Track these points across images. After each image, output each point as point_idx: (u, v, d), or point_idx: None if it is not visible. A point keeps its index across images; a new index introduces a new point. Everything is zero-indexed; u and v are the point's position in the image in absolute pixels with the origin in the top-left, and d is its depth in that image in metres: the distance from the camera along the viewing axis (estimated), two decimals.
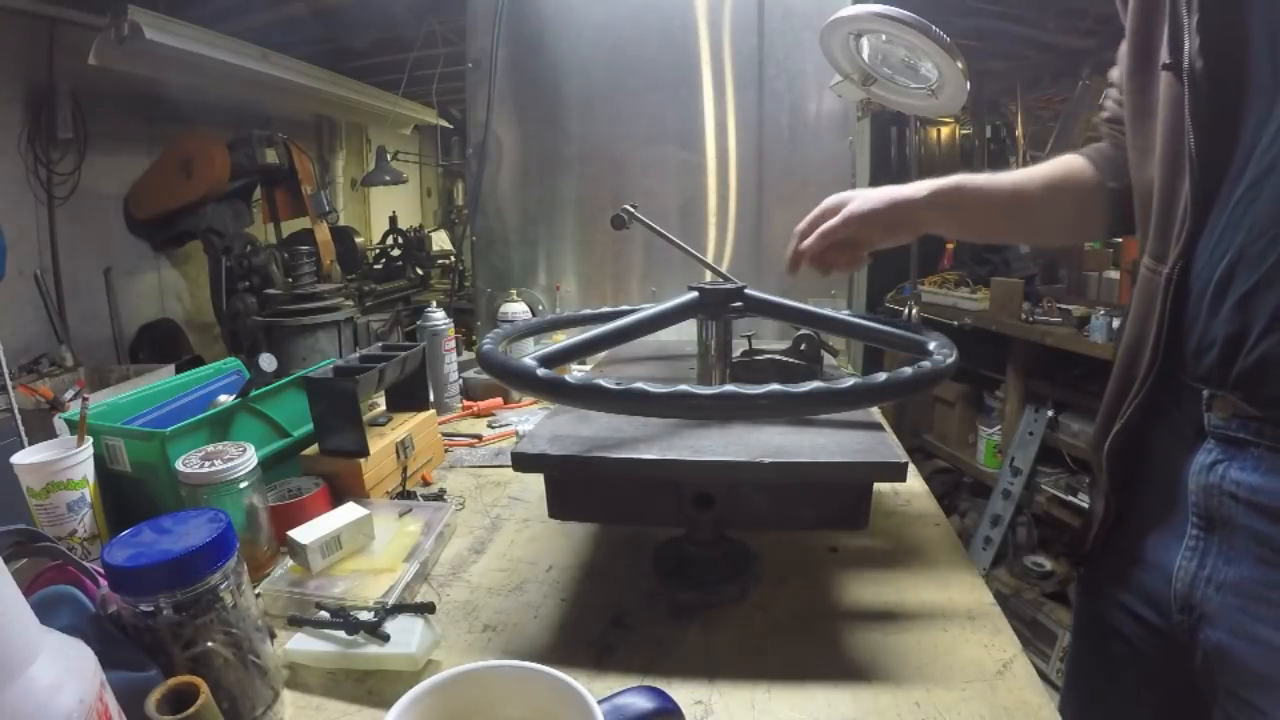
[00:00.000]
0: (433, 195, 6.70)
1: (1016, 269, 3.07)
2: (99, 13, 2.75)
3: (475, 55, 1.70)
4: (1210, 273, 0.56)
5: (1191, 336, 0.58)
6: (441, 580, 0.80)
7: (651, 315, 0.80)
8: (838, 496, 0.68)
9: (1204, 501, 0.59)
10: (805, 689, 0.60)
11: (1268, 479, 0.54)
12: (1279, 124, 0.51)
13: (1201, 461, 0.59)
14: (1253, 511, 0.55)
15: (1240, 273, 0.53)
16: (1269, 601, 0.55)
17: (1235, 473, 0.56)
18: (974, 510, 3.01)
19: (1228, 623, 0.57)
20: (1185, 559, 0.61)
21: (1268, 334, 0.52)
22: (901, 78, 1.07)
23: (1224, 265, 0.55)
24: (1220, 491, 0.57)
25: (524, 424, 1.28)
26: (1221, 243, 0.55)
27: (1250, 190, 0.53)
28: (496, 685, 0.42)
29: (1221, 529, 0.58)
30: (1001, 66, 3.98)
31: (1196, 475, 0.59)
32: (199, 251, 3.55)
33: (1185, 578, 0.61)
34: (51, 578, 0.57)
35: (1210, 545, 0.59)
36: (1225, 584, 0.58)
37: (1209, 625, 0.59)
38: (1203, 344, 0.57)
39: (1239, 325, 0.54)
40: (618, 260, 1.75)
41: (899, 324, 0.90)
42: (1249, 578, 0.56)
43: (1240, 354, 0.54)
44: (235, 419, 0.90)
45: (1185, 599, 0.61)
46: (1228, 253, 0.54)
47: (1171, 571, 0.62)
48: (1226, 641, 0.57)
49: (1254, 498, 0.55)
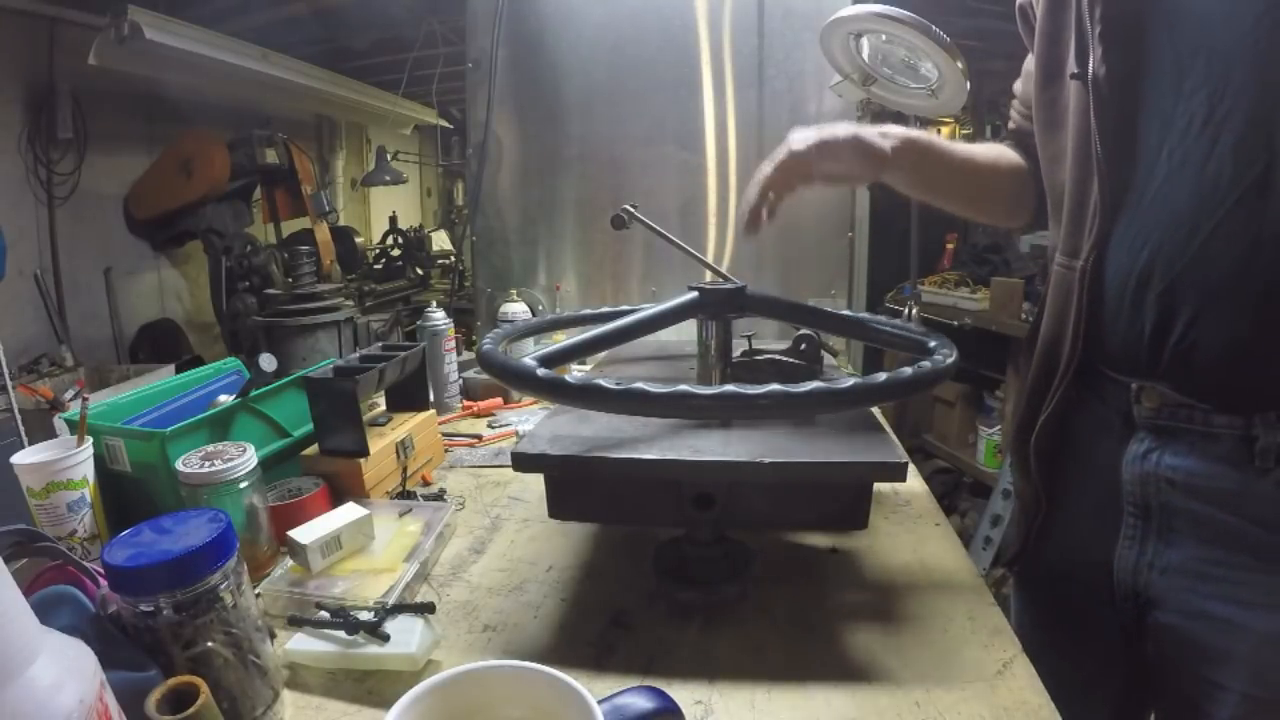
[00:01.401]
0: (433, 195, 6.70)
1: (1016, 269, 3.07)
2: (99, 13, 2.75)
3: (475, 55, 1.70)
4: (1130, 266, 0.58)
5: (1114, 329, 0.60)
6: (441, 580, 0.80)
7: (651, 315, 0.80)
8: (838, 496, 0.68)
9: (1140, 490, 0.61)
10: (805, 689, 0.60)
11: (1202, 463, 0.57)
12: (1186, 120, 0.53)
13: (1135, 451, 0.61)
14: (1190, 495, 0.58)
15: (1160, 265, 0.55)
16: (1214, 579, 0.57)
17: (1169, 459, 0.59)
18: (974, 510, 3.01)
19: (1176, 604, 0.60)
20: (1125, 548, 0.63)
21: (1195, 323, 0.54)
22: (901, 78, 1.07)
23: (1144, 258, 0.56)
24: (1156, 479, 0.60)
25: (524, 424, 1.28)
26: (1139, 237, 0.57)
27: (1166, 183, 0.55)
28: (496, 685, 0.42)
29: (1159, 515, 0.60)
30: (1001, 66, 3.97)
31: (1130, 465, 0.61)
32: (199, 251, 3.55)
33: (1127, 566, 0.63)
34: (51, 578, 0.57)
35: (1149, 532, 0.61)
36: (1169, 567, 0.60)
37: (1157, 609, 0.61)
38: (1129, 336, 0.59)
39: (1164, 316, 0.56)
40: (618, 260, 1.75)
41: (899, 324, 0.90)
42: (1193, 558, 0.58)
43: (1167, 344, 0.56)
44: (235, 419, 0.90)
45: (1128, 586, 0.63)
46: (1145, 246, 0.56)
47: (1110, 561, 0.64)
48: (1178, 622, 0.59)
49: (1190, 480, 0.58)
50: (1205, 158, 0.52)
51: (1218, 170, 0.52)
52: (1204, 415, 0.56)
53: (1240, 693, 0.56)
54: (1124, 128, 0.58)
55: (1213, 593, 0.57)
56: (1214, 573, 0.57)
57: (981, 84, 3.98)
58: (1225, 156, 0.51)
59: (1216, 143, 0.52)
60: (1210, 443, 0.56)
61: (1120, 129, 0.58)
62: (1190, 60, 0.53)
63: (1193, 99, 0.53)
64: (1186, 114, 0.53)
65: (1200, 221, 0.53)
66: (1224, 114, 0.51)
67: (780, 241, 1.68)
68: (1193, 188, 0.53)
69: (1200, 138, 0.53)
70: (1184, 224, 0.54)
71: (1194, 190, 0.53)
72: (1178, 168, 0.54)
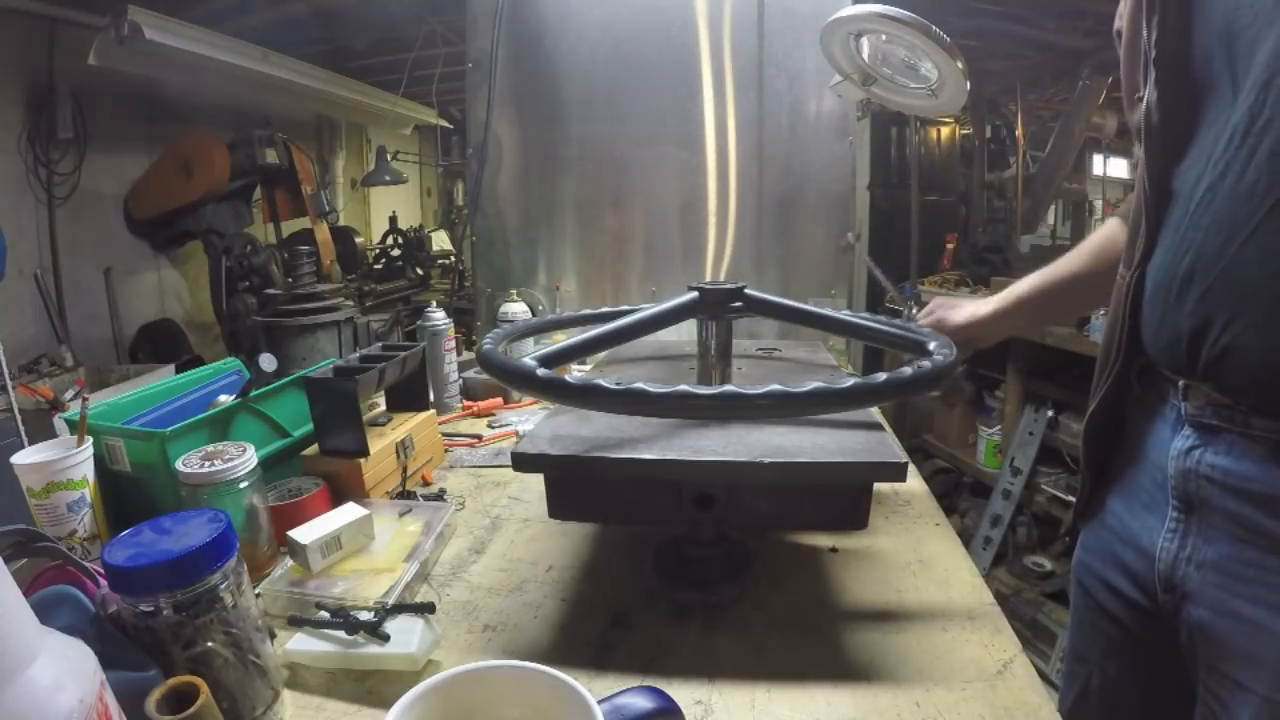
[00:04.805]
0: (433, 195, 6.69)
1: (1016, 269, 3.07)
2: (99, 13, 2.75)
3: (475, 55, 1.70)
4: (1173, 271, 0.60)
5: (1161, 330, 0.63)
6: (441, 580, 0.80)
7: (651, 315, 0.80)
8: (838, 496, 0.68)
9: (1182, 485, 0.62)
10: (805, 689, 0.60)
11: (1240, 463, 0.58)
12: (1230, 132, 0.55)
13: (1179, 447, 0.63)
14: (1228, 494, 0.59)
15: (1200, 270, 0.58)
16: (1246, 579, 0.58)
17: (1211, 457, 0.60)
18: (974, 510, 3.01)
19: (1209, 600, 0.60)
20: (1167, 540, 0.64)
21: (1230, 326, 0.56)
22: (901, 78, 1.07)
23: (1185, 264, 0.59)
24: (1197, 475, 0.61)
25: (524, 424, 1.28)
26: (1183, 245, 0.59)
27: (1208, 192, 0.57)
28: (496, 685, 0.42)
29: (1200, 511, 0.61)
30: (1001, 66, 3.98)
31: (1175, 460, 0.63)
32: (199, 251, 3.54)
33: (1167, 558, 0.64)
34: (51, 578, 0.57)
35: (1190, 527, 0.62)
36: (1205, 563, 0.61)
37: (1191, 604, 0.62)
38: (1172, 337, 0.61)
39: (1202, 319, 0.58)
40: (618, 260, 1.75)
41: (899, 324, 0.90)
42: (1227, 556, 0.59)
43: (1205, 345, 0.58)
44: (235, 419, 0.90)
45: (1168, 579, 0.64)
46: (1187, 253, 0.59)
47: (1154, 552, 0.65)
48: (1208, 619, 0.60)
49: (1228, 480, 0.58)
50: (1244, 167, 0.54)
51: (1255, 178, 0.53)
52: (1244, 416, 0.57)
53: (1263, 696, 0.56)
54: (1170, 149, 0.61)
55: (1244, 593, 0.58)
56: (1247, 573, 0.58)
57: (981, 84, 3.99)
58: (1262, 165, 0.53)
59: (1256, 152, 0.53)
60: (1250, 443, 0.57)
61: (1166, 150, 0.61)
62: (1244, 74, 0.55)
63: (1238, 111, 0.55)
64: (1231, 126, 0.55)
65: (1236, 228, 0.55)
66: (1264, 123, 0.53)
67: (780, 241, 1.68)
68: (1231, 196, 0.55)
69: (1241, 148, 0.54)
70: (1222, 230, 0.56)
71: (1232, 198, 0.55)
72: (1219, 178, 0.56)
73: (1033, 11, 3.21)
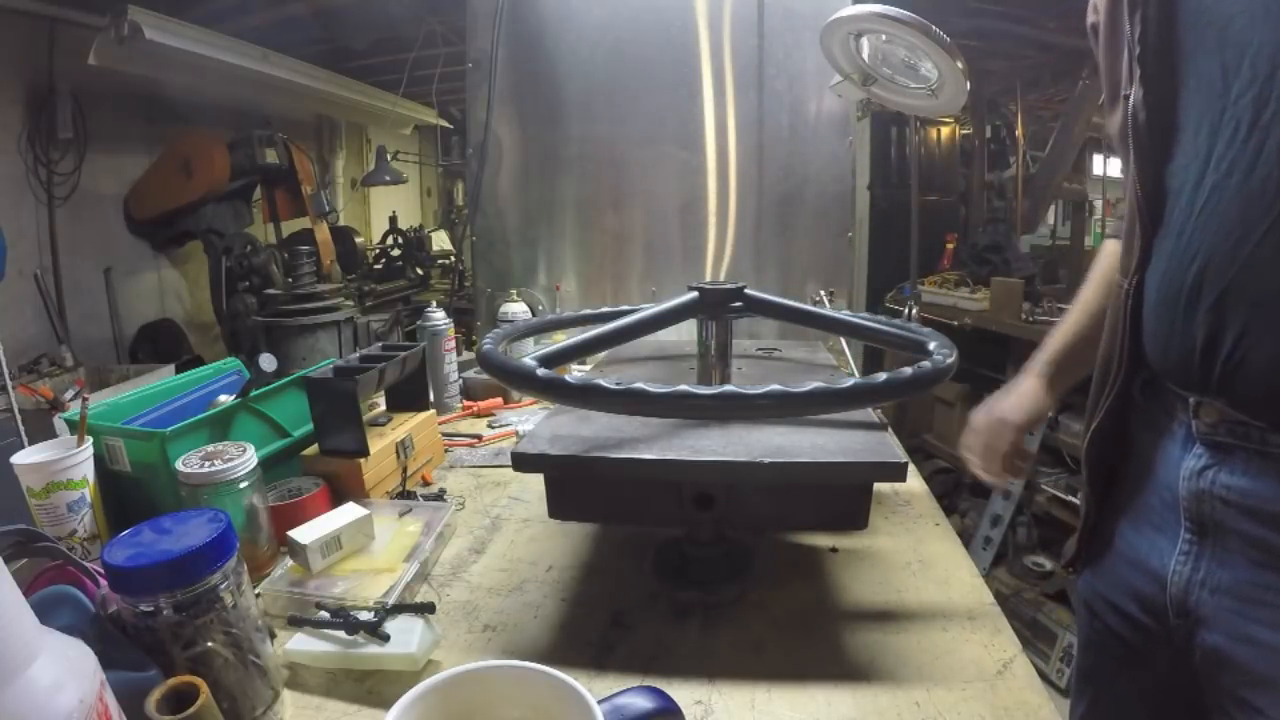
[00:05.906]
0: (433, 195, 6.69)
1: (1016, 269, 3.08)
2: (99, 13, 2.75)
3: (475, 55, 1.70)
4: (1181, 280, 0.57)
5: (1170, 344, 0.59)
6: (441, 580, 0.80)
7: (651, 315, 0.80)
8: (838, 497, 0.68)
9: (1195, 507, 0.59)
10: (805, 689, 0.60)
11: (1257, 482, 0.54)
12: (1233, 127, 0.52)
13: (1191, 467, 0.59)
14: (1244, 515, 0.55)
15: (1210, 276, 0.54)
16: (1264, 603, 0.55)
17: (1225, 477, 0.57)
18: (974, 510, 3.01)
19: (1224, 626, 0.57)
20: (1179, 564, 0.61)
21: (1246, 335, 0.52)
22: (901, 78, 1.07)
23: (1195, 271, 0.55)
24: (1211, 496, 0.58)
25: (524, 424, 1.28)
26: (1189, 250, 0.56)
27: (1214, 193, 0.54)
28: (496, 685, 0.42)
29: (1214, 533, 0.58)
30: (1001, 66, 3.98)
31: (1187, 481, 0.60)
32: (199, 251, 3.54)
33: (1180, 582, 0.61)
34: (51, 578, 0.57)
35: (1203, 549, 0.59)
36: (1220, 587, 0.58)
37: (1205, 629, 0.59)
38: (1183, 350, 0.57)
39: (1214, 329, 0.54)
40: (618, 260, 1.75)
41: (899, 324, 0.90)
42: (1243, 580, 0.56)
43: (1219, 357, 0.54)
44: (235, 419, 0.90)
45: (1180, 604, 0.61)
46: (1196, 259, 0.55)
47: (1166, 576, 0.62)
48: (1223, 644, 0.57)
49: (1245, 501, 0.55)
50: (1252, 164, 0.51)
51: (1265, 175, 0.50)
52: (1260, 433, 0.54)
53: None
54: (1160, 147, 0.58)
55: (1261, 618, 0.55)
56: (1264, 598, 0.55)
57: (981, 84, 3.99)
58: (1272, 160, 0.50)
59: (1263, 147, 0.50)
60: (1267, 462, 0.54)
61: (1156, 149, 0.58)
62: (1236, 65, 0.52)
63: (1238, 104, 0.52)
64: (1233, 120, 0.52)
65: (1248, 228, 0.51)
66: (1270, 117, 0.50)
67: (780, 241, 1.68)
68: (1239, 194, 0.52)
69: (1247, 144, 0.51)
70: (1233, 233, 0.52)
71: (1241, 197, 0.52)
72: (1224, 176, 0.53)
73: (1033, 11, 3.22)
